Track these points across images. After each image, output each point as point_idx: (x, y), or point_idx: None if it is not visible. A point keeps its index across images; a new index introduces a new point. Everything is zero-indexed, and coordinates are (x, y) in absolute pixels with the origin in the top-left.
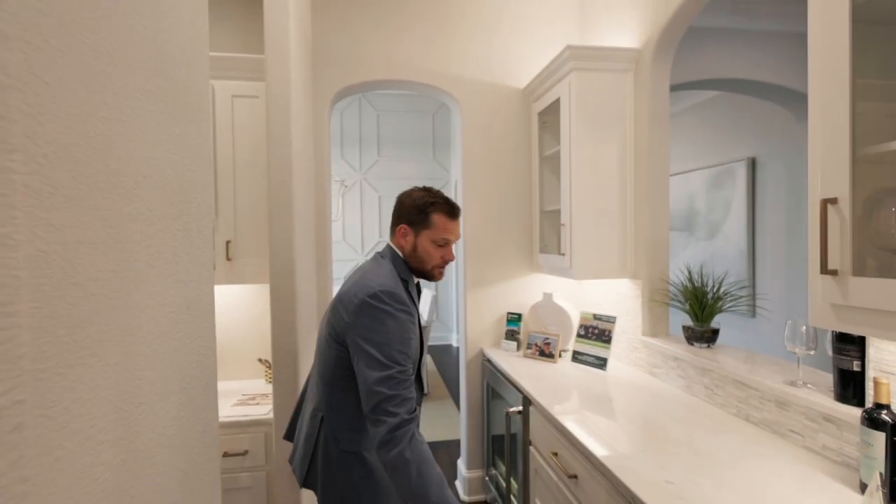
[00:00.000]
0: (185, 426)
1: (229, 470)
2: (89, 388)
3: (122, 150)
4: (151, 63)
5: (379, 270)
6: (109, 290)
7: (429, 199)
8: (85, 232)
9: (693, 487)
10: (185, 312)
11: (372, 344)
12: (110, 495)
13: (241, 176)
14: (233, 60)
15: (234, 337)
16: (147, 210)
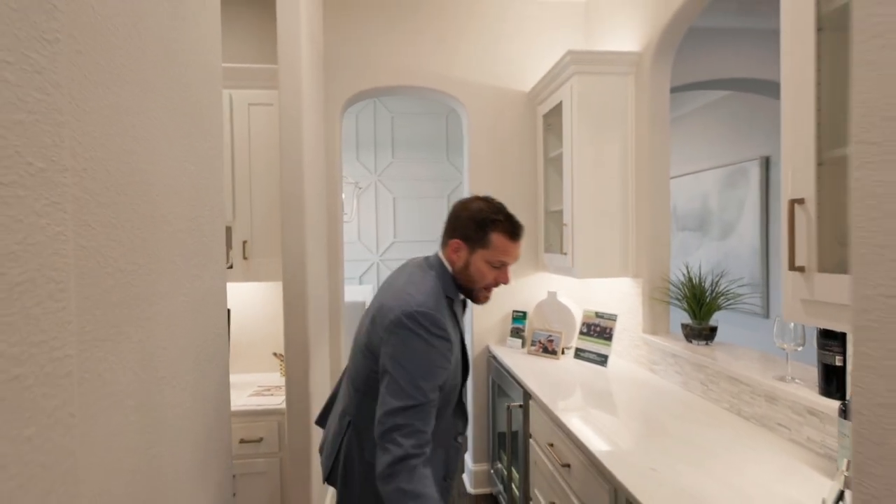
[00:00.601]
0: (198, 399)
1: (246, 456)
2: (118, 360)
3: (147, 163)
4: (170, 88)
5: (423, 285)
6: (135, 280)
7: (490, 215)
8: (115, 231)
9: (675, 475)
10: (199, 302)
11: (397, 367)
12: (134, 452)
13: (256, 179)
14: (249, 71)
15: (251, 332)
16: (167, 213)
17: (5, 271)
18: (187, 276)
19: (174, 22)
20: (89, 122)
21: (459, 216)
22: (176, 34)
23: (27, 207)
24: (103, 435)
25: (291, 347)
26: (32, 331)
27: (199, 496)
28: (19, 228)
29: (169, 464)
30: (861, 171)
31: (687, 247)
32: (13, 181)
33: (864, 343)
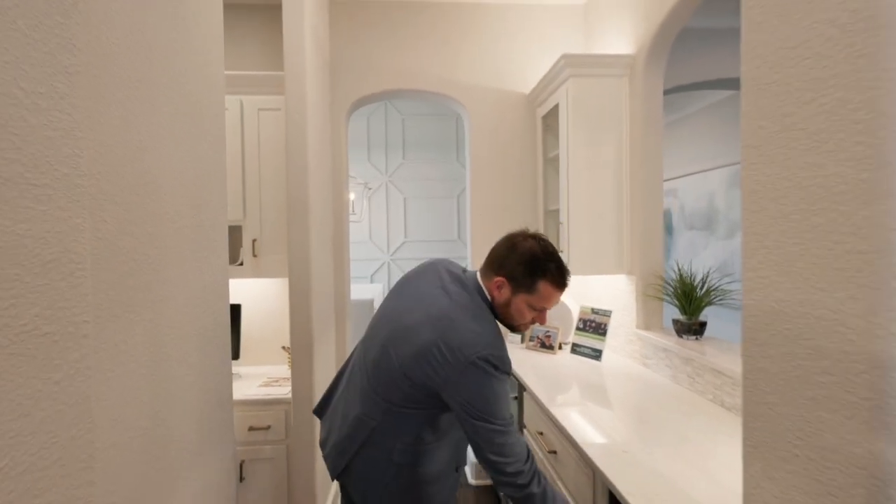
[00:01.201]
0: (202, 377)
1: (255, 443)
2: (130, 334)
3: (153, 164)
4: (174, 98)
5: (483, 322)
6: (145, 268)
7: (542, 263)
8: (127, 226)
9: (646, 456)
10: (203, 291)
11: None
12: (145, 415)
13: (266, 180)
14: (258, 78)
15: (261, 326)
16: (173, 211)
17: (39, 252)
18: (191, 268)
19: (178, 38)
20: (103, 133)
21: (509, 255)
22: (180, 50)
23: (54, 204)
24: (116, 391)
25: (297, 341)
26: (58, 299)
27: (204, 461)
28: (48, 219)
29: (176, 427)
30: (746, 171)
31: (695, 246)
32: (45, 183)
33: (750, 317)
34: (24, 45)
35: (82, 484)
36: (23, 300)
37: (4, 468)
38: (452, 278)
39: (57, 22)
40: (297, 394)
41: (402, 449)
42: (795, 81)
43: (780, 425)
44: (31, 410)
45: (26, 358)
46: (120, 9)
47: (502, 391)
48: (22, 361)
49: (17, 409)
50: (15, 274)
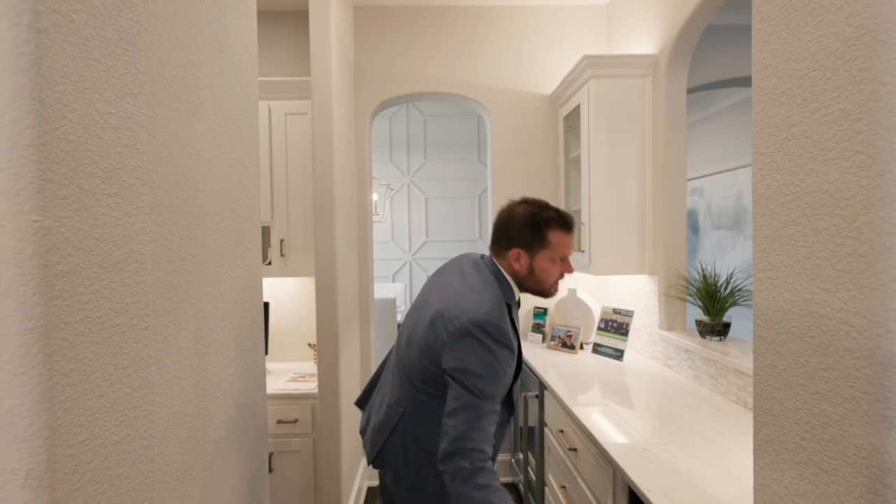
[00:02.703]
0: (238, 369)
1: (282, 435)
2: (176, 329)
3: (198, 172)
4: (216, 111)
5: (487, 293)
6: (189, 267)
7: (541, 216)
8: (174, 228)
9: (666, 455)
10: (239, 289)
11: (464, 374)
12: (190, 402)
13: (293, 183)
14: (286, 83)
15: (288, 324)
16: (213, 214)
17: (111, 253)
18: (229, 267)
19: (219, 58)
20: (157, 146)
21: (510, 227)
22: (220, 68)
23: (122, 210)
24: (167, 379)
25: (323, 338)
26: (126, 294)
27: (241, 447)
28: (119, 224)
29: (215, 415)
30: (756, 176)
31: (722, 245)
32: (115, 193)
33: (761, 316)
34: (99, 71)
35: (145, 460)
36: (99, 295)
37: (86, 441)
38: (472, 265)
39: (124, 49)
40: (323, 389)
41: (426, 436)
42: (802, 92)
43: (788, 419)
44: (106, 392)
45: (102, 346)
46: (172, 34)
47: (493, 364)
48: (99, 349)
49: (95, 390)
50: (93, 272)
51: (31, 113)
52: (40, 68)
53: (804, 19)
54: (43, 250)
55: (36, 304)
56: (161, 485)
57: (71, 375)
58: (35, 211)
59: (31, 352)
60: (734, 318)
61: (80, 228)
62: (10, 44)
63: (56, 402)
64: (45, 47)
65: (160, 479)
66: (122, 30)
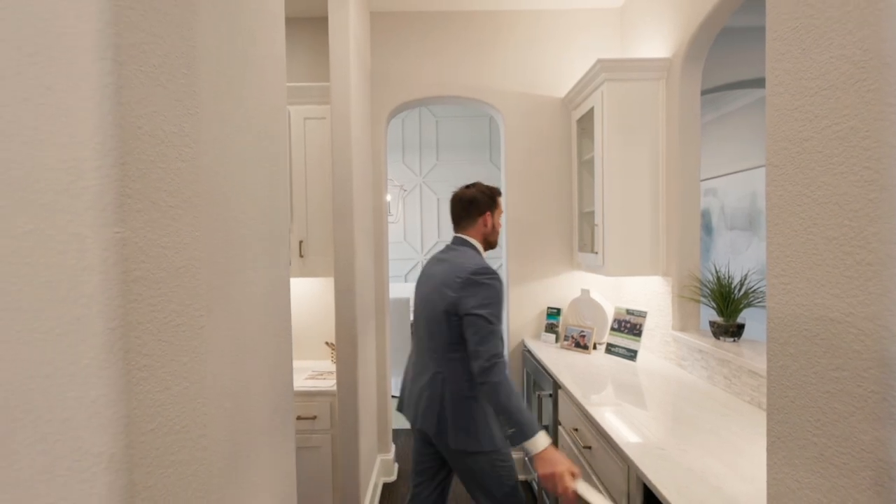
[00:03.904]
0: (271, 367)
1: (302, 431)
2: (219, 328)
3: (238, 182)
4: (251, 126)
5: (468, 256)
6: (226, 269)
7: (488, 190)
8: (217, 235)
9: (680, 453)
10: (270, 290)
11: (482, 307)
12: (230, 396)
13: (311, 185)
14: (306, 89)
15: (307, 323)
16: (248, 219)
17: (173, 259)
18: (262, 270)
19: (253, 73)
20: (208, 160)
21: (475, 201)
22: (255, 82)
23: (183, 221)
24: (213, 374)
25: (342, 337)
26: (186, 297)
27: (272, 438)
28: (180, 234)
29: (250, 409)
30: (770, 187)
31: (736, 246)
32: (177, 205)
33: (774, 319)
34: (164, 95)
35: (199, 448)
36: (165, 298)
37: (155, 429)
38: (443, 253)
39: (183, 73)
40: (341, 387)
41: (467, 387)
42: (814, 109)
43: (799, 417)
44: (170, 385)
45: (168, 344)
46: (217, 52)
47: (496, 295)
48: (165, 346)
49: (162, 384)
50: (161, 277)
51: (114, 136)
52: (120, 97)
53: (815, 41)
54: (123, 258)
55: (118, 306)
56: (212, 470)
57: (144, 370)
58: (117, 223)
59: (113, 349)
60: (748, 319)
61: (150, 238)
62: (97, 76)
63: (133, 395)
64: (124, 77)
65: (211, 466)
66: (182, 55)
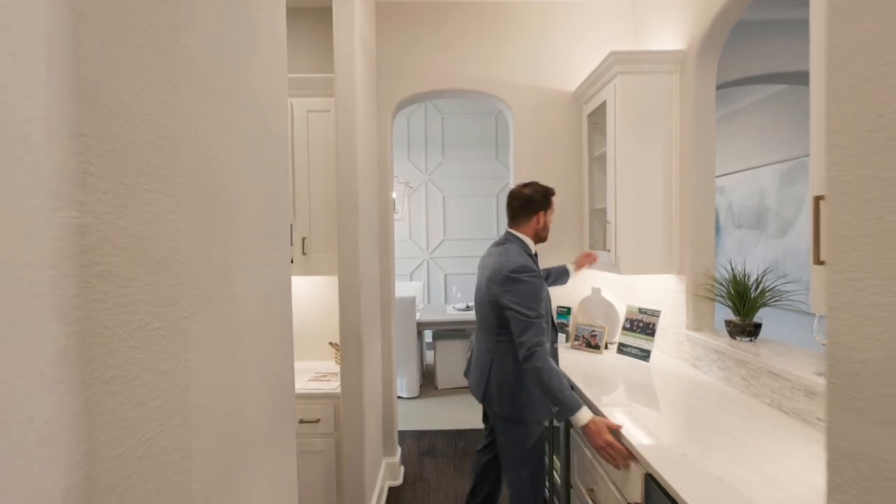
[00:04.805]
0: (268, 370)
1: (304, 435)
2: (210, 331)
3: (232, 169)
4: (251, 108)
5: (511, 253)
6: (221, 266)
7: (543, 189)
8: (208, 227)
9: (704, 460)
10: (270, 288)
11: (518, 304)
12: (225, 403)
13: (315, 180)
14: (308, 80)
15: (310, 323)
16: (245, 212)
17: (152, 252)
18: (260, 266)
19: (252, 56)
20: (195, 141)
21: (532, 201)
22: (253, 66)
23: (162, 207)
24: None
25: (346, 338)
26: (166, 296)
27: (272, 446)
28: (160, 222)
29: (248, 416)
30: (831, 171)
31: (744, 245)
32: (156, 188)
33: (836, 321)
34: (139, 57)
35: (183, 471)
36: (139, 297)
37: (124, 454)
38: (495, 246)
39: (166, 35)
40: (346, 389)
41: (511, 366)
42: (890, 81)
43: (872, 431)
44: (145, 400)
45: (142, 351)
46: (206, 26)
47: (532, 291)
48: (139, 354)
49: (135, 399)
50: (133, 273)
51: (70, 101)
52: (79, 54)
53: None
54: (82, 249)
55: (76, 308)
56: (198, 497)
57: (111, 383)
58: (73, 206)
59: (68, 359)
60: (762, 318)
61: (119, 226)
62: (49, 26)
63: (96, 413)
64: (84, 30)
65: (196, 489)
66: (163, 13)
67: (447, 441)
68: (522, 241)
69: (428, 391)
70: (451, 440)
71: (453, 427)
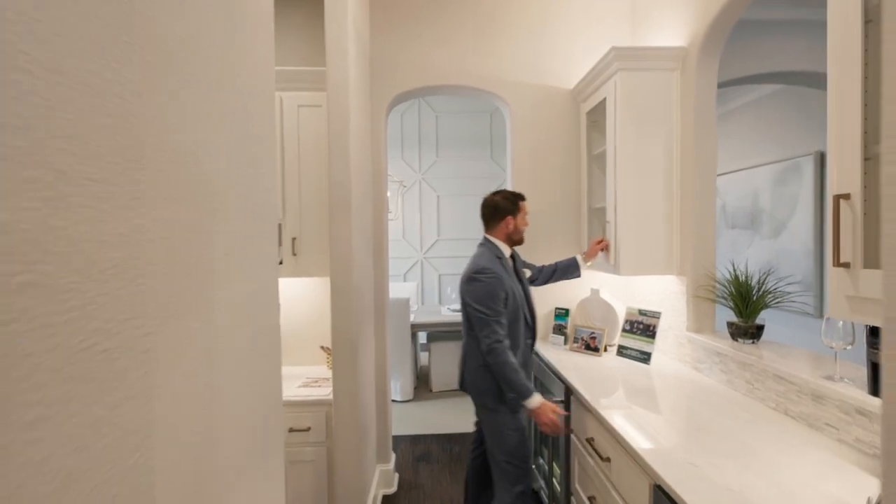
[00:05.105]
0: (253, 387)
1: (294, 444)
2: (182, 348)
3: (209, 160)
4: (231, 93)
5: (482, 256)
6: (197, 270)
7: (511, 196)
8: (180, 225)
9: (714, 470)
10: (254, 294)
11: (477, 302)
12: (198, 433)
13: (305, 178)
14: (299, 73)
15: (300, 326)
16: (225, 208)
17: (97, 257)
18: (243, 269)
19: (234, 38)
20: (161, 124)
21: (498, 207)
22: (235, 49)
23: (115, 202)
24: (173, 408)
25: (339, 342)
26: (119, 310)
27: (254, 474)
28: (110, 220)
29: (227, 440)
30: (893, 166)
31: (737, 245)
32: (104, 178)
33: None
34: (77, 15)
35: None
36: (80, 314)
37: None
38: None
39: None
40: (338, 395)
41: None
42: None
43: None
44: (88, 443)
45: (83, 382)
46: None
47: (487, 291)
48: (78, 386)
49: (70, 442)
50: (72, 283)
51: None
52: None
53: None
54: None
55: None
56: None
57: (36, 427)
58: None
59: None
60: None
61: (51, 224)
62: None
63: (14, 469)
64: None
65: None
66: None
67: (442, 446)
68: (495, 245)
69: (422, 394)
70: (446, 444)
71: (448, 431)
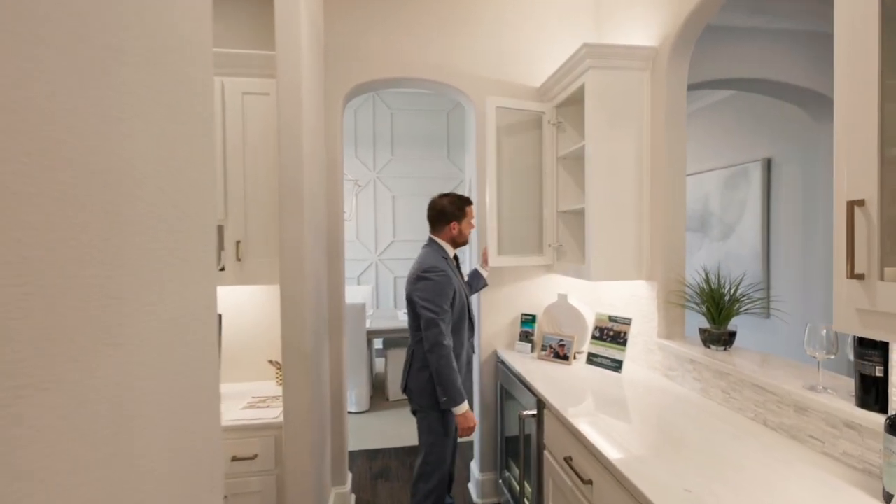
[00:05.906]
0: (185, 438)
1: (238, 475)
2: (64, 405)
3: (127, 150)
4: (153, 58)
5: (427, 257)
6: (101, 294)
7: (458, 200)
8: (80, 236)
9: (711, 497)
10: (184, 315)
11: (425, 300)
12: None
13: (251, 175)
14: (243, 57)
15: (245, 339)
16: (145, 213)
17: None
18: (169, 285)
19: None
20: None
21: (444, 212)
22: (156, 19)
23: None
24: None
25: (289, 356)
26: None
27: None
28: None
29: None
30: None
31: (689, 248)
32: None
33: None
34: None
35: None
36: None
37: None
38: (422, 250)
39: None
40: (289, 416)
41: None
42: None
43: None
44: None
45: None
46: None
47: (437, 288)
48: None
49: None
50: None
51: None
52: None
53: None
54: None
55: None
56: None
57: None
58: None
59: None
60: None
61: None
62: None
63: None
64: None
65: None
66: None
67: (401, 460)
68: (440, 246)
69: (379, 403)
70: (405, 458)
71: (408, 444)
